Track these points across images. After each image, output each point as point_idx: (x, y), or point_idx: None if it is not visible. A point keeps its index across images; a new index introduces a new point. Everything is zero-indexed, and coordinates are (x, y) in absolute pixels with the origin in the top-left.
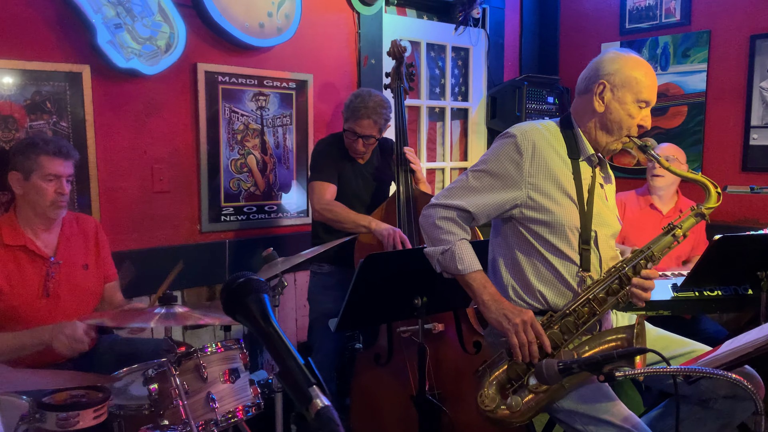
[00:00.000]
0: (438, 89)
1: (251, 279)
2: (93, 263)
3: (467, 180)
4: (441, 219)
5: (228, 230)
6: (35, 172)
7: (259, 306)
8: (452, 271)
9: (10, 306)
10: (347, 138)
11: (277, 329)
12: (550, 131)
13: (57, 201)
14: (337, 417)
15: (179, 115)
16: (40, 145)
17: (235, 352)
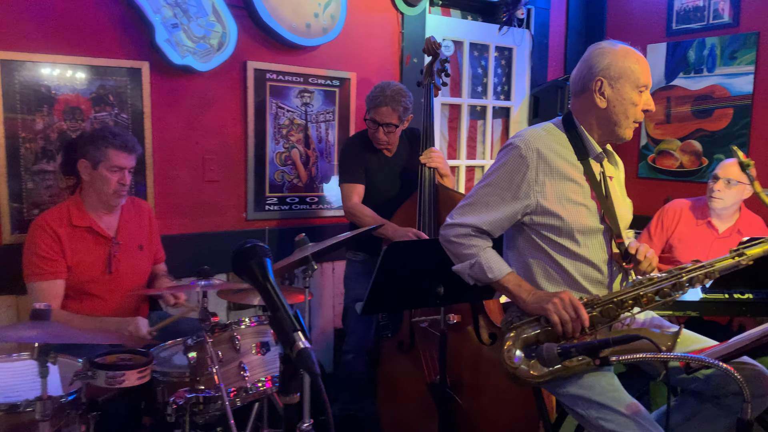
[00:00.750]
0: (480, 88)
1: (256, 245)
2: (146, 244)
3: (477, 195)
4: (459, 236)
5: (271, 219)
6: (102, 163)
7: (260, 267)
8: (485, 280)
9: (78, 281)
10: (369, 129)
11: (273, 285)
12: (553, 135)
13: (119, 190)
14: (314, 356)
15: (229, 109)
16: (109, 138)
17: (266, 327)
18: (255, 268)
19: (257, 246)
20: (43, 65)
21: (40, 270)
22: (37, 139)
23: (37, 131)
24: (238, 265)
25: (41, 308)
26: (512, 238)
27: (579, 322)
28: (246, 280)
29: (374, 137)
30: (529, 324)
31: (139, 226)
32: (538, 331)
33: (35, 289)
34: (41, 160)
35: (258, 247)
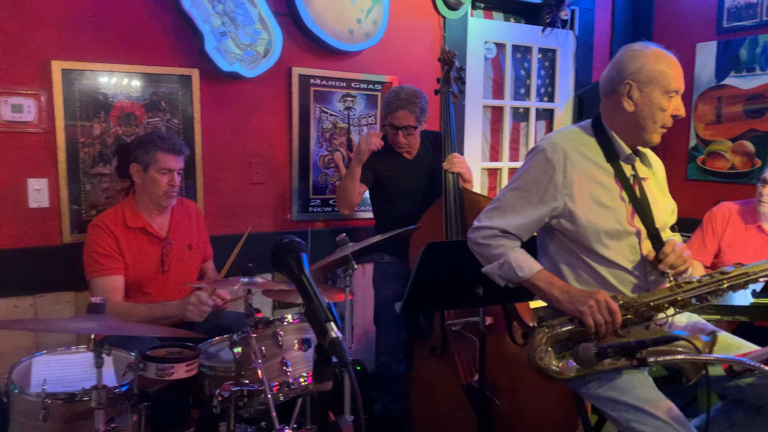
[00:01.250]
0: (523, 90)
1: (293, 241)
2: (195, 243)
3: (504, 199)
4: (486, 238)
5: (315, 220)
6: (152, 166)
7: (296, 260)
8: (515, 280)
9: (134, 279)
10: (389, 135)
11: (308, 278)
12: (581, 137)
13: (169, 191)
14: (346, 346)
15: (274, 114)
16: (158, 142)
17: (308, 324)
18: (291, 261)
19: (294, 241)
20: (101, 74)
21: (100, 267)
22: (95, 143)
23: (94, 136)
24: (276, 260)
25: (97, 302)
26: (544, 244)
27: (614, 324)
28: (283, 273)
29: (395, 142)
30: (562, 323)
31: (189, 226)
32: (571, 327)
33: (97, 285)
34: (98, 164)
35: (294, 243)
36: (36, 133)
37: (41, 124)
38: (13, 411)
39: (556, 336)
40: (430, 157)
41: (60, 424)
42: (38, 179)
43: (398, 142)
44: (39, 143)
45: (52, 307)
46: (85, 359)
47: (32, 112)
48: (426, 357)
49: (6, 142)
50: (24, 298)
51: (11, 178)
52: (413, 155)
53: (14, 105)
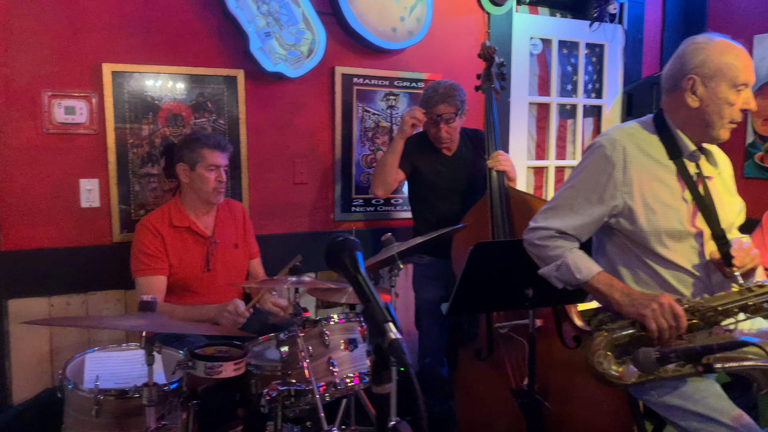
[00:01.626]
0: (570, 86)
1: (347, 239)
2: (241, 243)
3: (561, 198)
4: (542, 239)
5: (357, 219)
6: (199, 163)
7: (351, 259)
8: (573, 282)
9: (180, 278)
10: (430, 132)
11: (364, 277)
12: (641, 134)
13: (218, 188)
14: (405, 348)
15: (318, 114)
16: (203, 140)
17: (354, 324)
18: (347, 260)
19: (348, 240)
20: (149, 75)
21: (145, 266)
22: (143, 144)
23: (143, 137)
24: (331, 258)
25: (148, 300)
26: (601, 244)
27: (678, 329)
28: (338, 272)
29: (437, 137)
30: (622, 326)
31: (234, 226)
32: (631, 331)
33: (141, 284)
34: (147, 164)
35: (349, 241)
36: (87, 134)
37: (92, 126)
38: (68, 406)
39: (616, 340)
40: (469, 155)
41: (112, 419)
42: (89, 179)
43: (440, 137)
44: (90, 144)
45: (103, 305)
46: (135, 356)
47: (84, 114)
48: (471, 360)
49: (59, 143)
50: (76, 296)
51: (64, 179)
52: (452, 152)
53: (67, 107)
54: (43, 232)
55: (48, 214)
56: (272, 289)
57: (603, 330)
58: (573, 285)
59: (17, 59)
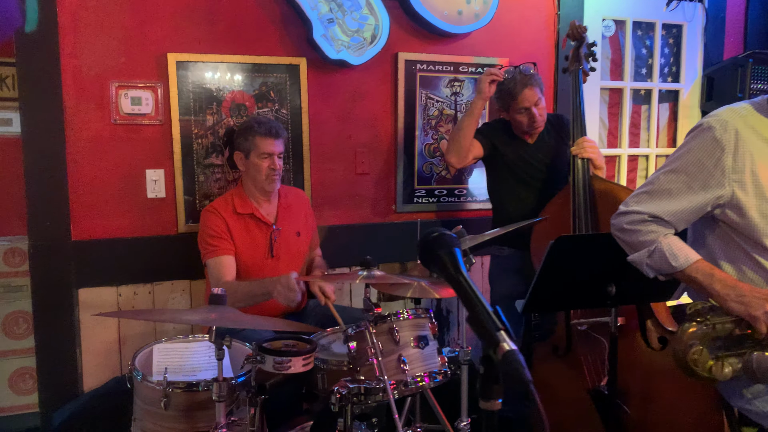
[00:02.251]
0: (644, 70)
1: (444, 234)
2: (303, 231)
3: (658, 182)
4: (633, 223)
5: (419, 211)
6: (253, 152)
7: (450, 257)
8: (667, 270)
9: (244, 265)
10: (519, 121)
11: (466, 278)
12: (755, 117)
13: (270, 175)
14: (523, 360)
15: (380, 102)
16: (255, 128)
17: (424, 321)
18: (445, 259)
19: (444, 235)
20: (212, 65)
21: (213, 248)
22: (207, 135)
23: (207, 127)
24: (427, 256)
25: (218, 293)
26: (700, 236)
27: None
28: (435, 272)
29: (529, 123)
30: (723, 322)
31: (297, 213)
32: (732, 328)
33: (211, 266)
34: (211, 155)
35: (446, 236)
36: (153, 125)
37: (158, 116)
38: (137, 396)
39: (713, 334)
40: (551, 141)
41: (180, 412)
42: (155, 170)
43: (536, 122)
44: (156, 135)
45: (168, 295)
46: (201, 348)
47: (149, 105)
48: (547, 357)
49: (126, 134)
50: (143, 286)
51: (131, 169)
52: (534, 139)
53: (133, 98)
54: (111, 222)
55: (116, 204)
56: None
57: (698, 321)
58: (666, 273)
59: (86, 51)
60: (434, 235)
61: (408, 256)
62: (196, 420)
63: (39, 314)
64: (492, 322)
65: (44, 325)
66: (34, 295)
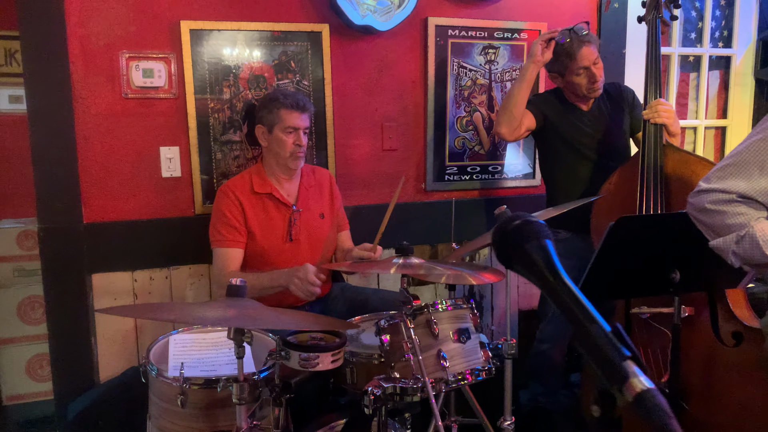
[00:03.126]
0: (694, 34)
1: (530, 221)
2: (327, 213)
3: (748, 153)
4: (717, 203)
5: (451, 189)
6: (277, 125)
7: (542, 254)
8: (760, 260)
9: (260, 248)
10: (577, 82)
11: (567, 283)
12: None
13: (295, 152)
14: (667, 405)
15: (408, 72)
16: (281, 99)
17: (465, 311)
18: (536, 256)
19: (531, 222)
20: (229, 33)
21: (222, 238)
22: (224, 109)
23: (224, 101)
24: (507, 251)
25: (237, 284)
26: None
27: None
28: (521, 272)
29: (591, 85)
30: None
31: (320, 194)
32: None
33: (217, 255)
34: (228, 131)
35: (533, 224)
36: (167, 98)
37: (171, 89)
38: (152, 392)
39: None
40: (608, 108)
41: (198, 410)
42: (170, 147)
43: (596, 82)
44: (170, 109)
45: (186, 280)
46: (221, 339)
47: (162, 77)
48: None
49: (138, 108)
50: (159, 270)
51: (144, 147)
52: (590, 106)
53: (145, 70)
54: (125, 203)
55: (129, 184)
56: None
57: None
58: (757, 263)
59: (93, 18)
60: (517, 223)
61: (439, 237)
62: (216, 419)
63: (51, 301)
64: (615, 349)
65: (57, 312)
66: (46, 280)
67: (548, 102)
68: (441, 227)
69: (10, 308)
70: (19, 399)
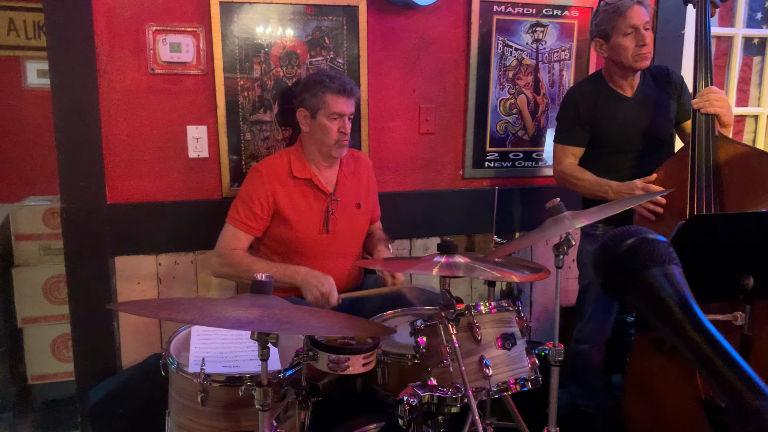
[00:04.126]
0: (759, 14)
1: (649, 240)
2: (364, 202)
3: None
4: None
5: (491, 177)
6: (321, 110)
7: (670, 286)
8: None
9: (295, 238)
10: (624, 44)
11: (704, 325)
12: None
13: (340, 140)
14: None
15: (450, 50)
16: (327, 83)
17: (510, 315)
18: (662, 287)
19: (651, 242)
20: (260, 7)
21: (239, 218)
22: (255, 87)
23: (254, 79)
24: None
25: (263, 280)
26: None
27: None
28: (636, 306)
29: (637, 51)
30: None
31: (358, 182)
32: None
33: (227, 230)
34: (258, 110)
35: (656, 245)
36: (194, 75)
37: (199, 65)
38: (171, 388)
39: None
40: (653, 94)
41: (220, 409)
42: (197, 126)
43: (644, 45)
44: (198, 86)
45: None
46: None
47: (190, 52)
48: (648, 351)
49: (165, 85)
50: (185, 255)
51: (171, 126)
52: (634, 90)
53: (172, 44)
54: (150, 184)
55: (155, 164)
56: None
57: None
58: None
59: None
60: (631, 243)
61: (476, 227)
62: (239, 418)
63: (73, 283)
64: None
65: (79, 295)
66: (68, 262)
67: (591, 99)
68: (479, 217)
69: (36, 287)
70: (44, 379)
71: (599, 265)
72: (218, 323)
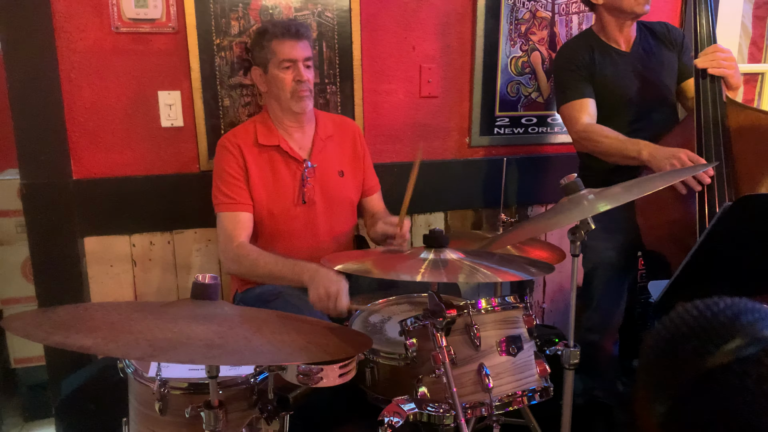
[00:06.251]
0: None
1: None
2: (349, 171)
3: None
4: None
5: (500, 144)
6: (271, 62)
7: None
8: None
9: (268, 212)
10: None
11: None
12: None
13: (297, 90)
14: None
15: (454, 1)
16: (270, 29)
17: (516, 313)
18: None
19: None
20: None
21: (228, 199)
22: (232, 46)
23: (231, 36)
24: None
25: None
26: None
27: None
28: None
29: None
30: None
31: (341, 148)
32: None
33: (222, 220)
34: (237, 72)
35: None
36: (164, 33)
37: (169, 22)
38: (130, 393)
39: None
40: (653, 49)
41: (181, 419)
42: (170, 92)
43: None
44: (168, 46)
45: (191, 245)
46: None
47: (158, 7)
48: None
49: (131, 45)
50: (161, 234)
51: (140, 91)
52: (630, 45)
53: None
54: (119, 157)
55: (124, 134)
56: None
57: None
58: None
59: None
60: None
61: (483, 201)
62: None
63: (39, 267)
64: None
65: (45, 279)
66: (32, 243)
67: (581, 51)
68: (487, 189)
69: (14, 267)
70: (29, 362)
71: (660, 386)
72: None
